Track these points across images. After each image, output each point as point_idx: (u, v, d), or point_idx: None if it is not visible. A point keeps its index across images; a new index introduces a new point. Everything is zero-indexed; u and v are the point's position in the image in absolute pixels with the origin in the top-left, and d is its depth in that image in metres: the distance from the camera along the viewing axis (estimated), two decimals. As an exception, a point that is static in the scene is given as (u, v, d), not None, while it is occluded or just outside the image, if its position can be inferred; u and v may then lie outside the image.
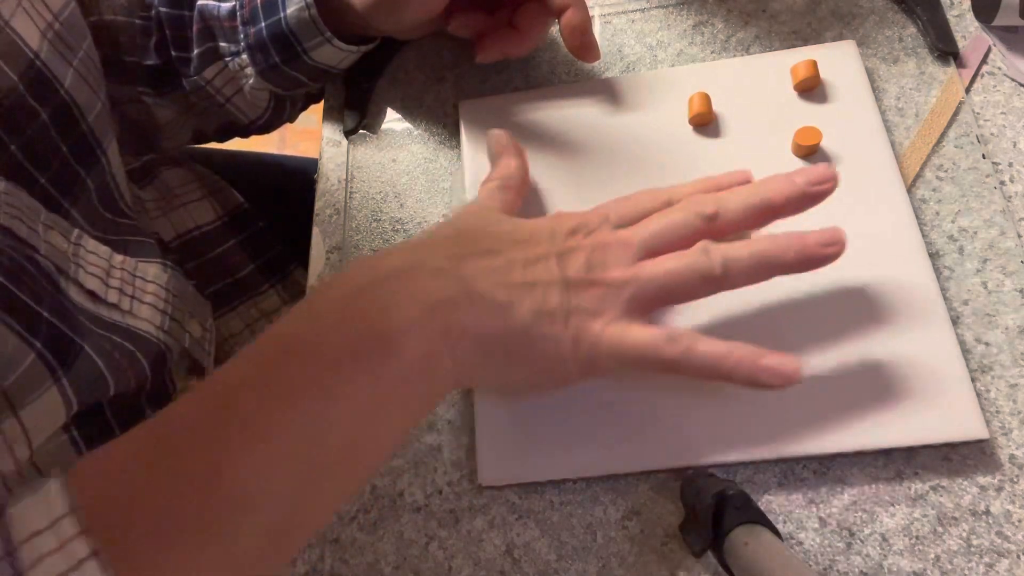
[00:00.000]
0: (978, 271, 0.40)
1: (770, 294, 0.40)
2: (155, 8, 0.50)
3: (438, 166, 0.50)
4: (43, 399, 0.35)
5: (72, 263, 0.39)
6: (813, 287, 0.40)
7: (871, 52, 0.47)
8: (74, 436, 0.38)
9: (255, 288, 0.63)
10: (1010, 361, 0.38)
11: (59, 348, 0.35)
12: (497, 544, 0.39)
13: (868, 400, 0.37)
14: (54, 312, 0.35)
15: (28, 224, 0.37)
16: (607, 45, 0.51)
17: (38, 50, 0.39)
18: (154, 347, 0.44)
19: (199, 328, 0.51)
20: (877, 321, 0.38)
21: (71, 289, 0.39)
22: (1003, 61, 0.45)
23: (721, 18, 0.50)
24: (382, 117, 0.52)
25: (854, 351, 0.38)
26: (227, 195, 0.64)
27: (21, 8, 0.39)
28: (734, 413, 0.38)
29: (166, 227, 0.60)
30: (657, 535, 0.37)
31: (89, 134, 0.43)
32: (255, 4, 0.46)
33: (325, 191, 0.51)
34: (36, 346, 0.34)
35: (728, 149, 0.45)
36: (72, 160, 0.42)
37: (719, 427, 0.38)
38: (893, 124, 0.44)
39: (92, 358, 0.37)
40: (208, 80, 0.51)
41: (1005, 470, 0.36)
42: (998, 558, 0.34)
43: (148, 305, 0.44)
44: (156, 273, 0.46)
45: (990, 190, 0.42)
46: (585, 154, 0.46)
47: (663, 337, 0.34)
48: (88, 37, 0.45)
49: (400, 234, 0.48)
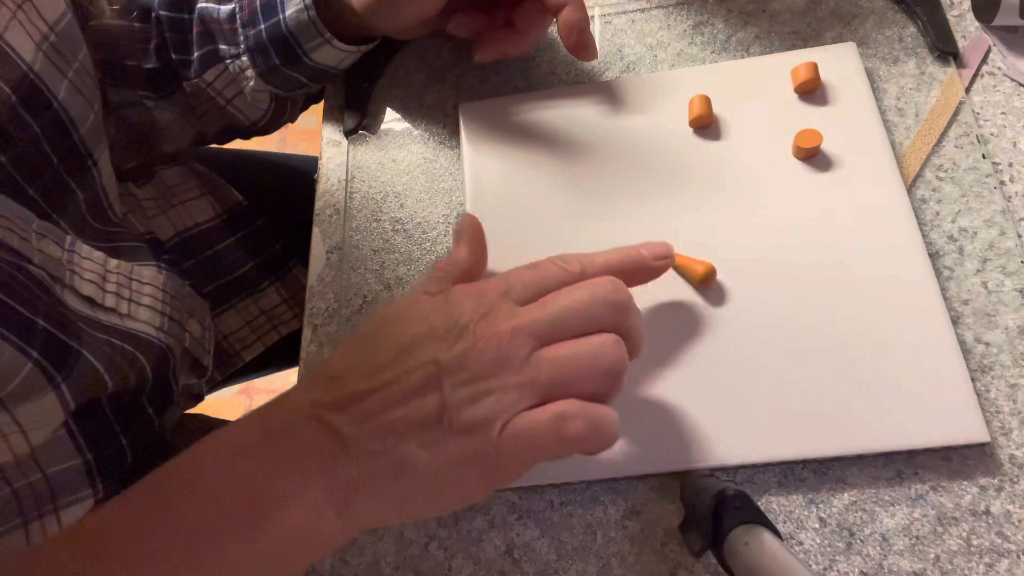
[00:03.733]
0: (978, 271, 0.40)
1: (770, 294, 0.40)
2: (155, 12, 0.50)
3: (438, 166, 0.50)
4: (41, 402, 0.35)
5: (67, 270, 0.39)
6: (813, 287, 0.40)
7: (871, 52, 0.47)
8: (72, 430, 0.39)
9: (254, 286, 0.63)
10: (1010, 361, 0.38)
11: (57, 355, 0.35)
12: (497, 544, 0.39)
13: (868, 401, 0.37)
14: (50, 320, 0.35)
15: (20, 234, 0.37)
16: (607, 45, 0.51)
17: (32, 63, 0.39)
18: (155, 348, 0.44)
19: (198, 327, 0.51)
20: (877, 321, 0.39)
21: (67, 296, 0.39)
22: (1003, 61, 0.45)
23: (721, 18, 0.50)
24: (382, 117, 0.52)
25: (854, 351, 0.38)
26: (226, 193, 0.64)
27: (15, 20, 0.39)
28: (734, 417, 0.38)
29: (165, 225, 0.60)
30: (657, 535, 0.37)
31: (81, 145, 0.43)
32: (254, 6, 0.46)
33: (325, 191, 0.51)
34: (33, 355, 0.34)
35: (728, 151, 0.45)
36: (63, 171, 0.42)
37: (719, 431, 0.38)
38: (893, 124, 0.44)
39: (91, 362, 0.37)
40: (209, 83, 0.51)
41: (1005, 470, 0.36)
42: (998, 558, 0.34)
43: (146, 307, 0.44)
44: (152, 275, 0.46)
45: (990, 190, 0.42)
46: (585, 156, 0.46)
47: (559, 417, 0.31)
48: (84, 48, 0.45)
49: (400, 234, 0.48)
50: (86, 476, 0.40)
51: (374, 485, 0.31)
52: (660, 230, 0.43)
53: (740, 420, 0.38)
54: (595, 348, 0.32)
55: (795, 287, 0.40)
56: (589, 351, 0.32)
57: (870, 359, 0.38)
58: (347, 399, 0.31)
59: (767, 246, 0.41)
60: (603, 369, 0.32)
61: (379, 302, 0.46)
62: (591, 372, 0.32)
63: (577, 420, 0.31)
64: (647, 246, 0.38)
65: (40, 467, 0.37)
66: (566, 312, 0.33)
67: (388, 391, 0.31)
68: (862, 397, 0.37)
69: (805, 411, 0.37)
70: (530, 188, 0.46)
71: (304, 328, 0.47)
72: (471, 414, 0.31)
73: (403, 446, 0.31)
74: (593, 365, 0.32)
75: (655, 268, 0.38)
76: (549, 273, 0.35)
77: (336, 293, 0.47)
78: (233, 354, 0.63)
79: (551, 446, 0.31)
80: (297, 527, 0.30)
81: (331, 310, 0.47)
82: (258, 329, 0.64)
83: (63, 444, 0.38)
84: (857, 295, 0.39)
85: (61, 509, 0.38)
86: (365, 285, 0.47)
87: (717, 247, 0.42)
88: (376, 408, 0.31)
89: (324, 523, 0.30)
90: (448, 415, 0.31)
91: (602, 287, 0.33)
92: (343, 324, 0.46)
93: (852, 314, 0.39)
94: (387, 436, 0.31)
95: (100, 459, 0.40)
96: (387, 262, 0.47)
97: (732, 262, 0.41)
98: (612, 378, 0.32)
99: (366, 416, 0.31)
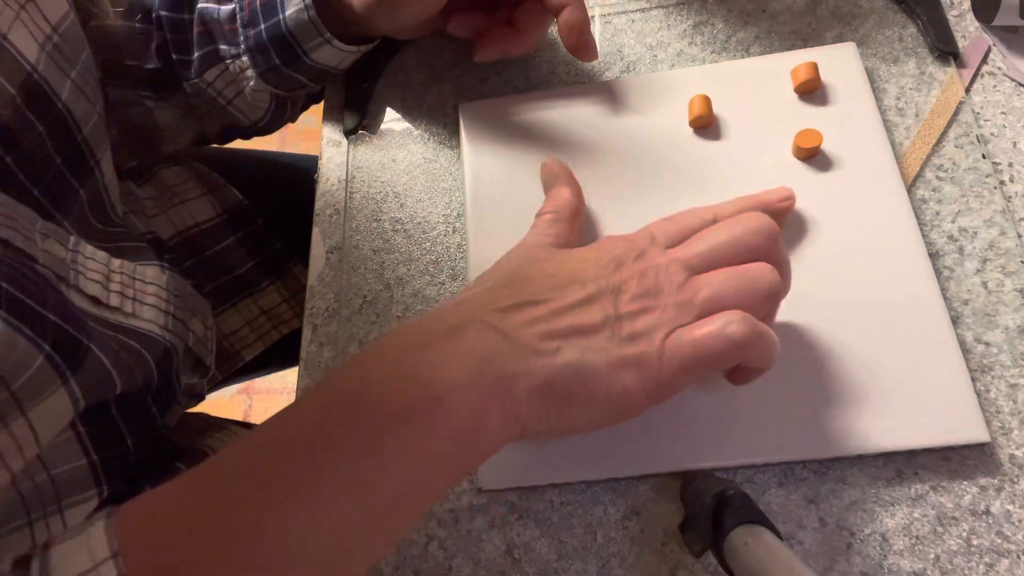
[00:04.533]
0: (978, 271, 0.40)
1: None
2: (155, 12, 0.50)
3: (438, 166, 0.50)
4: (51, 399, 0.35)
5: (71, 270, 0.39)
6: (813, 287, 0.40)
7: (871, 52, 0.47)
8: (80, 433, 0.39)
9: (254, 285, 0.63)
10: (1010, 361, 0.38)
11: (67, 350, 0.35)
12: (497, 544, 0.39)
13: (868, 401, 0.37)
14: (60, 315, 0.35)
15: (24, 234, 0.37)
16: (607, 45, 0.51)
17: (36, 63, 0.39)
18: (160, 346, 0.44)
19: (201, 327, 0.51)
20: (877, 321, 0.39)
21: (73, 295, 0.39)
22: (1003, 61, 0.45)
23: (721, 18, 0.50)
24: (382, 117, 0.52)
25: (854, 352, 0.38)
26: (226, 192, 0.64)
27: (19, 21, 0.39)
28: (734, 417, 0.38)
29: (165, 225, 0.60)
30: (657, 535, 0.37)
31: (84, 146, 0.43)
32: (254, 6, 0.46)
33: (325, 191, 0.51)
34: (45, 349, 0.34)
35: (729, 152, 0.45)
36: (66, 172, 0.42)
37: (720, 431, 0.38)
38: (893, 124, 0.44)
39: (100, 358, 0.37)
40: (209, 83, 0.51)
41: (1005, 470, 0.36)
42: (998, 558, 0.34)
43: (150, 306, 0.44)
44: (155, 275, 0.46)
45: (990, 190, 0.42)
46: (585, 156, 0.46)
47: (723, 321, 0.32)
48: (87, 48, 0.45)
49: (400, 234, 0.48)
50: (92, 477, 0.40)
51: (538, 388, 0.32)
52: (660, 230, 0.43)
53: (740, 420, 0.38)
54: (752, 271, 0.34)
55: (794, 287, 0.40)
56: (746, 274, 0.34)
57: (870, 359, 0.38)
58: (514, 306, 0.33)
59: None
60: (761, 291, 0.33)
61: (379, 302, 0.46)
62: (749, 294, 0.33)
63: (743, 323, 0.32)
64: (768, 192, 0.40)
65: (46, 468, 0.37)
66: (719, 244, 0.34)
67: (555, 303, 0.33)
68: (862, 397, 0.37)
69: (805, 411, 0.37)
70: (530, 188, 0.46)
71: (304, 328, 0.47)
72: (635, 324, 0.33)
73: (567, 349, 0.32)
74: (751, 287, 0.33)
75: (781, 208, 0.39)
76: (690, 219, 0.37)
77: (336, 293, 0.47)
78: (233, 353, 0.63)
79: (715, 348, 0.32)
80: (463, 420, 0.30)
81: (331, 310, 0.47)
82: (258, 328, 0.64)
83: (70, 445, 0.38)
84: (857, 295, 0.39)
85: (65, 509, 0.38)
86: (365, 285, 0.47)
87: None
88: (543, 316, 0.33)
89: (486, 421, 0.31)
90: (612, 325, 0.33)
91: (751, 219, 0.35)
92: (343, 324, 0.46)
93: (852, 314, 0.39)
94: (553, 338, 0.32)
95: (106, 460, 0.40)
96: (387, 262, 0.47)
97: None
98: (770, 301, 0.34)
99: (533, 321, 0.33)
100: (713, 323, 0.32)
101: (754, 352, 0.32)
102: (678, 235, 0.36)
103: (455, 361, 0.31)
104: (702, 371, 0.33)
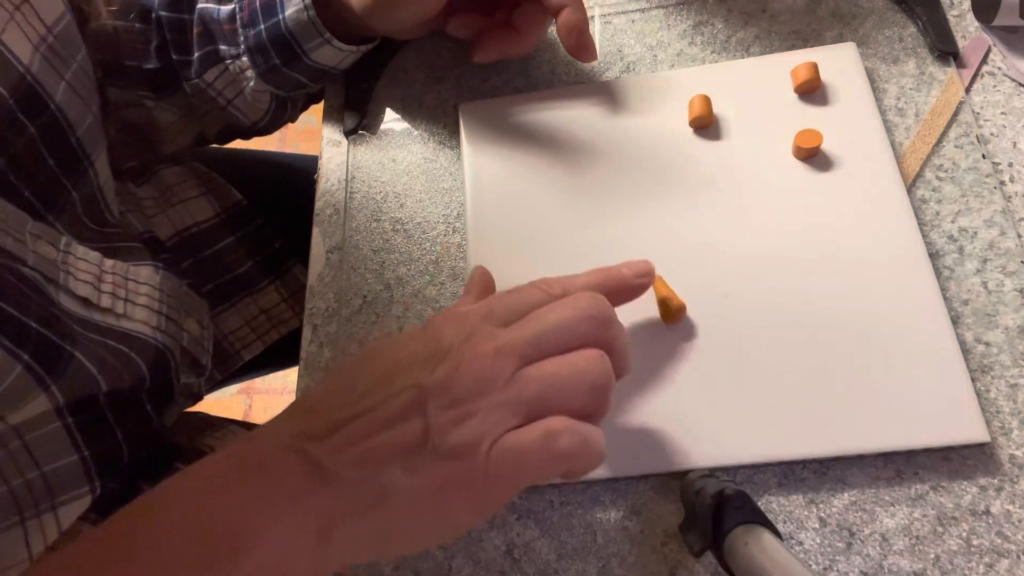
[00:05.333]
0: (978, 271, 0.40)
1: (770, 293, 0.40)
2: (155, 12, 0.50)
3: (438, 166, 0.50)
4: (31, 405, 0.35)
5: (61, 271, 0.39)
6: (813, 288, 0.40)
7: (871, 52, 0.47)
8: (68, 424, 0.38)
9: (254, 285, 0.63)
10: (1010, 361, 0.38)
11: (48, 357, 0.35)
12: (497, 544, 0.39)
13: (868, 401, 0.37)
14: (43, 322, 0.35)
15: (15, 236, 0.37)
16: (607, 45, 0.51)
17: (29, 65, 0.39)
18: (150, 348, 0.44)
19: (197, 326, 0.51)
20: (877, 321, 0.39)
21: (62, 297, 0.39)
22: (1003, 61, 0.45)
23: (721, 18, 0.50)
24: (382, 117, 0.52)
25: (854, 352, 0.38)
26: (225, 192, 0.64)
27: (13, 22, 0.38)
28: (734, 417, 0.38)
29: (164, 224, 0.60)
30: (657, 535, 0.37)
31: (78, 147, 0.43)
32: (254, 7, 0.46)
33: (325, 191, 0.51)
34: (24, 358, 0.34)
35: (728, 152, 0.45)
36: (59, 173, 0.42)
37: (719, 431, 0.38)
38: (893, 124, 0.44)
39: (83, 364, 0.37)
40: (209, 83, 0.51)
41: (1005, 470, 0.36)
42: (998, 558, 0.34)
43: (142, 307, 0.44)
44: (148, 275, 0.46)
45: (990, 190, 0.42)
46: (585, 156, 0.46)
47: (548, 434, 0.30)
48: (82, 49, 0.44)
49: (400, 234, 0.48)
50: (84, 473, 0.40)
51: (355, 515, 0.29)
52: (660, 230, 0.43)
53: (740, 420, 0.38)
54: (580, 363, 0.31)
55: (795, 286, 0.40)
56: (574, 366, 0.31)
57: (870, 359, 0.38)
58: (326, 428, 0.30)
59: (767, 246, 0.41)
60: (589, 384, 0.31)
61: (379, 302, 0.46)
62: (577, 388, 0.31)
63: (566, 435, 0.30)
64: (627, 265, 0.37)
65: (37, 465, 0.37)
66: (549, 329, 0.32)
67: (369, 417, 0.30)
68: (862, 397, 0.37)
69: (805, 411, 0.37)
70: (530, 188, 0.46)
71: (304, 328, 0.47)
72: (456, 436, 0.30)
73: (385, 473, 0.29)
74: (579, 380, 0.31)
75: (636, 287, 0.37)
76: (530, 295, 0.34)
77: (336, 293, 0.47)
78: (233, 353, 0.63)
79: (540, 464, 0.30)
80: (271, 562, 0.28)
81: (331, 310, 0.47)
82: (258, 328, 0.64)
83: (60, 441, 0.38)
84: (857, 295, 0.39)
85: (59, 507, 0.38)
86: (365, 285, 0.47)
87: (717, 247, 0.42)
88: (357, 435, 0.30)
89: (300, 557, 0.29)
90: (432, 439, 0.30)
91: (583, 301, 0.33)
92: (343, 324, 0.46)
93: (852, 313, 0.39)
94: (368, 463, 0.29)
95: (97, 456, 0.40)
96: (387, 262, 0.47)
97: (732, 261, 0.41)
98: (599, 394, 0.31)
99: (346, 444, 0.30)
100: (538, 435, 0.30)
101: (580, 463, 0.31)
102: (517, 311, 0.33)
103: (262, 499, 0.29)
104: (529, 483, 0.31)
